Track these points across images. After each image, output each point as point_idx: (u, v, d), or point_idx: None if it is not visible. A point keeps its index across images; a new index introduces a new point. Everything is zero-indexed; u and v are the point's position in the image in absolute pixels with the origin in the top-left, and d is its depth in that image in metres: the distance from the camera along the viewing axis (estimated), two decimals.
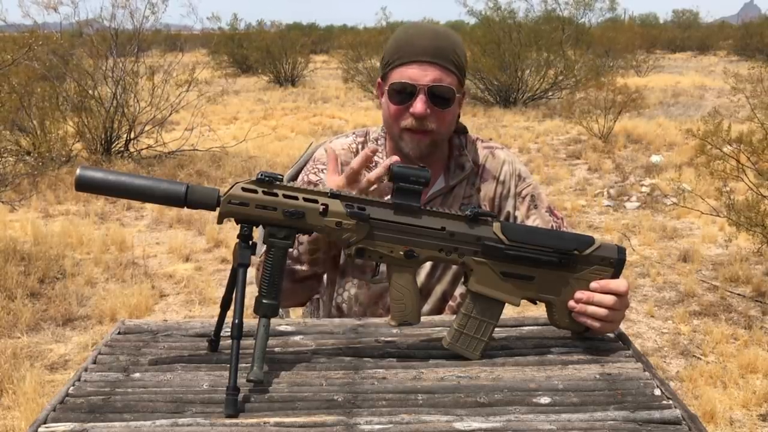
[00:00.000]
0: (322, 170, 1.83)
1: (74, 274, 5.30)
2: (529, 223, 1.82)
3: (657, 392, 1.25)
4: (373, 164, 1.83)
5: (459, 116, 1.83)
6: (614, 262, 1.41)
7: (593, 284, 1.40)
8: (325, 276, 1.96)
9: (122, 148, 9.66)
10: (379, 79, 1.82)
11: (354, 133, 1.91)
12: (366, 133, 1.89)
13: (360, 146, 1.86)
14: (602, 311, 1.39)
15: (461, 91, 1.75)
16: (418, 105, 1.67)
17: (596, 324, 1.40)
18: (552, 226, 1.82)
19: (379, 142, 1.86)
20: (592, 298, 1.39)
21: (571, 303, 1.40)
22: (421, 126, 1.69)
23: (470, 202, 1.82)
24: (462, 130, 1.86)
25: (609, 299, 1.39)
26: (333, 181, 1.58)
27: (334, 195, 1.32)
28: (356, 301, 1.86)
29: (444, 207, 1.77)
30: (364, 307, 1.85)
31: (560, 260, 1.38)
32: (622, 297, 1.41)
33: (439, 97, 1.68)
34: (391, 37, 1.78)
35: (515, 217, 1.84)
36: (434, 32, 1.72)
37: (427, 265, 1.81)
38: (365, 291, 1.84)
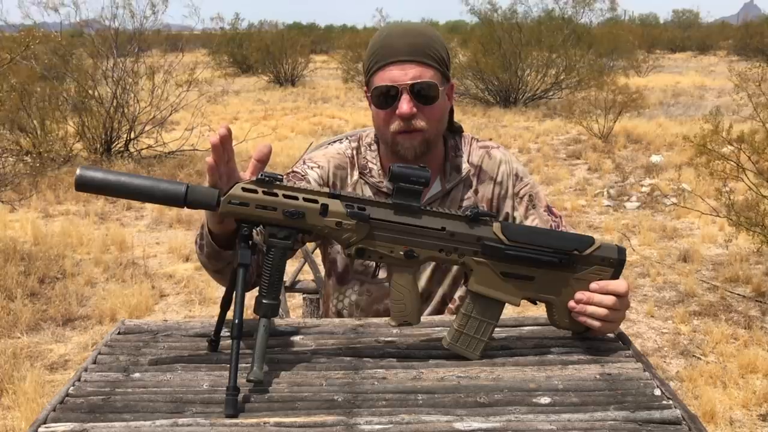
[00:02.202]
0: (311, 168, 1.81)
1: (74, 274, 5.30)
2: (528, 223, 1.81)
3: (657, 392, 1.24)
4: (368, 171, 1.82)
5: (452, 112, 1.82)
6: (614, 262, 1.41)
7: (593, 285, 1.40)
8: (325, 282, 1.96)
9: (122, 148, 9.67)
10: (365, 89, 1.80)
11: (347, 138, 1.89)
12: (359, 138, 1.87)
13: (354, 151, 1.84)
14: (602, 311, 1.39)
15: (446, 84, 1.73)
16: (403, 105, 1.65)
17: (596, 324, 1.40)
18: (551, 225, 1.81)
19: (372, 147, 1.84)
20: (591, 299, 1.39)
21: (571, 303, 1.40)
22: (409, 126, 1.67)
23: (468, 205, 1.81)
24: (457, 130, 1.85)
25: (609, 300, 1.39)
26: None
27: (334, 195, 1.32)
28: (357, 308, 1.85)
29: (443, 209, 1.77)
30: (365, 314, 1.85)
31: (560, 260, 1.38)
32: (622, 297, 1.40)
33: (422, 94, 1.66)
34: (369, 43, 1.76)
35: (514, 218, 1.83)
36: (408, 31, 1.70)
37: (429, 268, 1.81)
38: (366, 297, 1.84)
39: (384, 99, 1.68)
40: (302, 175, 1.79)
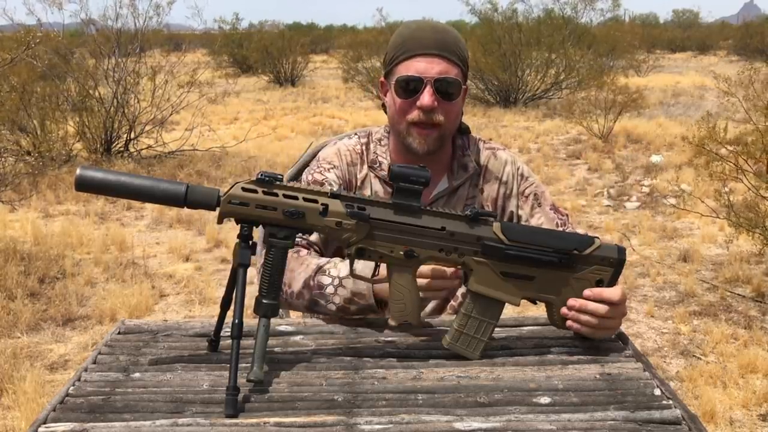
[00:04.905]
0: (328, 169, 1.82)
1: (74, 274, 5.30)
2: (534, 221, 1.82)
3: (657, 392, 1.25)
4: (378, 164, 1.84)
5: (462, 113, 1.84)
6: (614, 262, 1.41)
7: (586, 292, 1.38)
8: None
9: (122, 148, 9.66)
10: (381, 78, 1.82)
11: (357, 134, 1.92)
12: (369, 134, 1.90)
13: (363, 147, 1.86)
14: (594, 320, 1.38)
15: (465, 84, 1.77)
16: (426, 97, 1.67)
17: (587, 332, 1.39)
18: (557, 223, 1.82)
19: (382, 142, 1.86)
20: (585, 307, 1.38)
21: (563, 310, 1.39)
22: (428, 119, 1.69)
23: (473, 203, 1.82)
24: (465, 130, 1.87)
25: (602, 308, 1.37)
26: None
27: (334, 195, 1.32)
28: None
29: (447, 208, 1.78)
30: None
31: (560, 260, 1.38)
32: (616, 306, 1.38)
33: (445, 90, 1.69)
34: (394, 34, 1.79)
35: (519, 216, 1.85)
36: (436, 27, 1.75)
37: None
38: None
39: (407, 88, 1.70)
40: (322, 180, 1.79)
